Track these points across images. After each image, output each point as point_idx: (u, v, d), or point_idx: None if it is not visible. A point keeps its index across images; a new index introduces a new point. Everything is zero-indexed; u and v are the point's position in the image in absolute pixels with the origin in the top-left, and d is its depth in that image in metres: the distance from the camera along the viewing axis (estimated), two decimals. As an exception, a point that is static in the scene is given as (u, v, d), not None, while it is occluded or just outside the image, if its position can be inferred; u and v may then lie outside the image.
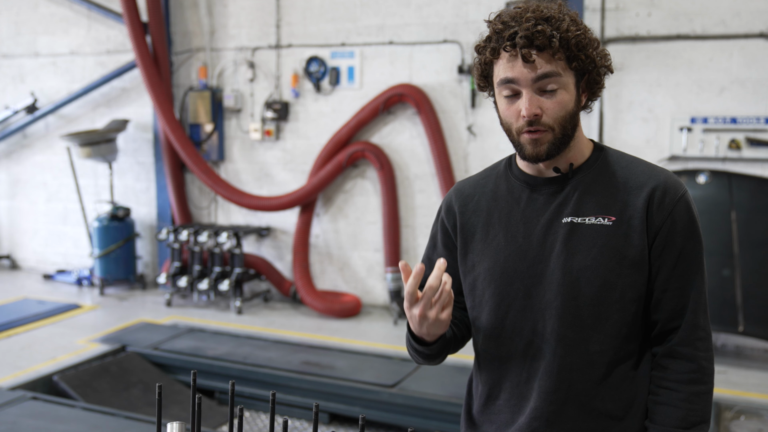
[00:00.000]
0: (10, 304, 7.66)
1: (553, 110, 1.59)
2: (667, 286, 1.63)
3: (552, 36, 1.54)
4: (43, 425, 4.59)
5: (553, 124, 1.59)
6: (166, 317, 7.21)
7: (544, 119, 1.59)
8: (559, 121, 1.60)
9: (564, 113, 1.60)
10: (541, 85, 1.57)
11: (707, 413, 1.63)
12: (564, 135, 1.62)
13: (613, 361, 1.64)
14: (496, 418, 1.74)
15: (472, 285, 1.76)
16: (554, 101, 1.58)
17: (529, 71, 1.56)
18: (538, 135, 1.60)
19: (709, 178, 6.05)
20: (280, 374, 5.60)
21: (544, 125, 1.59)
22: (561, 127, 1.60)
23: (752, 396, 5.21)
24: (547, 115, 1.59)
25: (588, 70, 1.61)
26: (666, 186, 1.62)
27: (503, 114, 1.65)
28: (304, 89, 7.70)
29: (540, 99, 1.58)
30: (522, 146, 1.63)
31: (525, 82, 1.57)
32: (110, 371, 5.74)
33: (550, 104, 1.58)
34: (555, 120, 1.59)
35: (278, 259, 8.02)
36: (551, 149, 1.62)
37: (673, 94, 6.33)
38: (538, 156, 1.62)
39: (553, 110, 1.59)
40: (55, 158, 9.01)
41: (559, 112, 1.59)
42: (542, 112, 1.58)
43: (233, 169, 8.15)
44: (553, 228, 1.66)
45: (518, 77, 1.58)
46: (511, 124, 1.64)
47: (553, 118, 1.59)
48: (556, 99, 1.58)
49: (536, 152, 1.62)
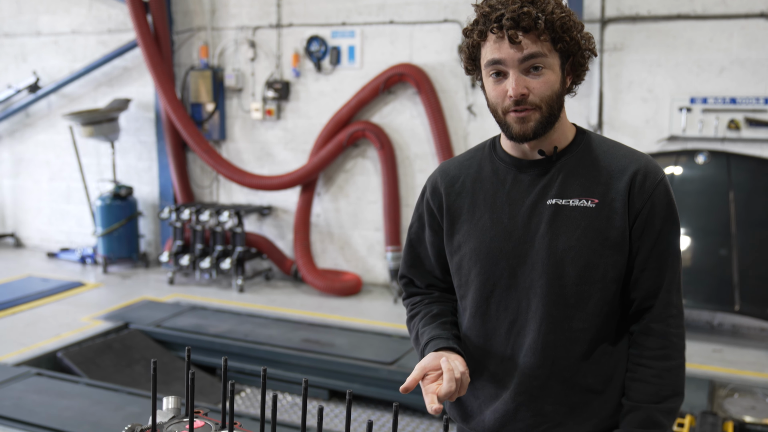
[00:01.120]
0: (15, 281, 7.75)
1: (540, 89, 1.63)
2: (645, 266, 1.68)
3: (537, 17, 1.58)
4: (47, 400, 4.68)
5: (539, 103, 1.63)
6: (168, 295, 7.29)
7: (530, 98, 1.63)
8: (545, 100, 1.64)
9: (550, 92, 1.64)
10: (528, 66, 1.61)
11: (679, 386, 1.69)
12: (550, 114, 1.66)
13: (594, 338, 1.70)
14: (480, 393, 1.80)
15: (458, 265, 1.80)
16: (540, 81, 1.62)
17: (516, 52, 1.60)
18: (524, 113, 1.64)
19: (708, 159, 6.07)
20: (280, 351, 5.68)
21: (531, 104, 1.63)
22: (548, 106, 1.64)
23: (747, 374, 5.27)
24: (533, 94, 1.63)
25: (573, 53, 1.65)
26: (647, 170, 1.67)
27: (490, 95, 1.69)
28: (305, 69, 7.71)
29: (526, 79, 1.62)
30: (509, 125, 1.67)
31: (511, 62, 1.61)
32: (113, 348, 5.83)
33: (536, 84, 1.62)
34: (542, 99, 1.63)
35: (279, 237, 8.08)
36: (538, 128, 1.66)
37: (673, 75, 6.34)
38: (525, 134, 1.66)
39: (540, 89, 1.63)
40: (58, 137, 9.05)
41: (546, 92, 1.63)
42: (529, 91, 1.62)
43: (235, 149, 8.19)
44: (538, 209, 1.70)
45: (505, 58, 1.62)
46: (497, 105, 1.67)
47: (540, 97, 1.63)
48: (542, 79, 1.62)
49: (523, 130, 1.66)
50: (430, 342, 1.76)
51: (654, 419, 1.66)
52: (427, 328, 1.82)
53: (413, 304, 1.95)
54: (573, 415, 1.71)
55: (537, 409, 1.72)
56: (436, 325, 1.82)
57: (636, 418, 1.67)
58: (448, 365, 1.63)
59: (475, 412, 1.81)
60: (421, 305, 1.92)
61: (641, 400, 1.67)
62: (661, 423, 1.66)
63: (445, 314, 1.88)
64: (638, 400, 1.68)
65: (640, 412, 1.67)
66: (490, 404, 1.77)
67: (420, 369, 1.66)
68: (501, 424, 1.75)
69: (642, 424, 1.66)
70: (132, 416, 4.41)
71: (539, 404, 1.72)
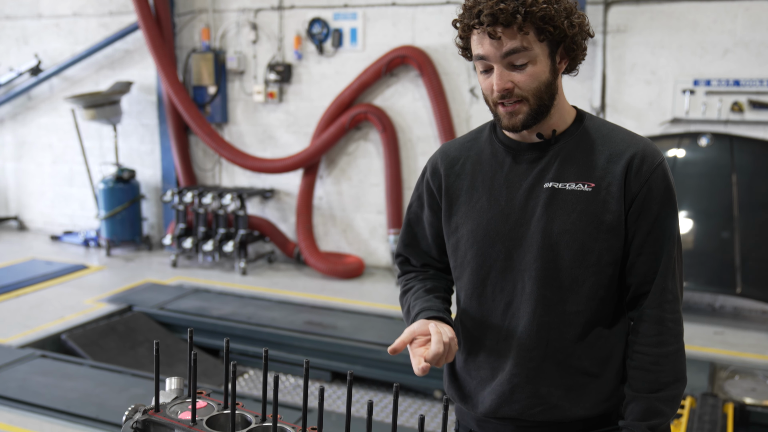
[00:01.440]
0: (19, 264, 7.78)
1: (525, 83, 1.62)
2: (642, 251, 1.68)
3: (516, 11, 1.55)
4: (52, 382, 4.71)
5: (526, 95, 1.63)
6: (171, 278, 7.32)
7: (516, 92, 1.62)
8: (532, 92, 1.63)
9: (537, 84, 1.63)
10: (511, 60, 1.60)
11: (679, 372, 1.69)
12: (540, 105, 1.65)
13: (589, 321, 1.70)
14: (477, 374, 1.81)
15: (455, 246, 1.81)
16: (525, 74, 1.61)
17: (497, 48, 1.59)
18: (512, 107, 1.64)
19: (711, 141, 6.06)
20: (283, 334, 5.71)
21: (517, 96, 1.63)
22: (535, 97, 1.64)
23: (748, 356, 5.29)
24: (519, 87, 1.62)
25: (560, 40, 1.63)
26: (644, 154, 1.66)
27: (481, 86, 1.69)
28: (307, 51, 7.68)
29: (511, 73, 1.61)
30: (499, 117, 1.68)
31: (494, 58, 1.61)
32: (117, 330, 5.86)
33: (521, 78, 1.61)
34: (528, 91, 1.63)
35: (282, 220, 8.10)
36: (527, 120, 1.66)
37: (677, 56, 6.31)
38: (514, 127, 1.67)
39: (525, 83, 1.62)
40: (60, 120, 9.05)
41: (531, 84, 1.62)
42: (514, 85, 1.62)
43: (237, 132, 8.18)
44: (535, 192, 1.70)
45: (487, 54, 1.62)
46: (488, 96, 1.68)
47: (526, 89, 1.62)
48: (527, 72, 1.61)
49: (512, 123, 1.67)
50: (421, 312, 1.78)
51: (654, 409, 1.66)
52: (419, 301, 1.84)
53: (407, 280, 1.97)
54: (568, 398, 1.72)
55: (532, 391, 1.73)
56: (428, 298, 1.84)
57: (636, 408, 1.67)
58: (436, 329, 1.65)
59: (473, 392, 1.82)
60: (414, 280, 1.94)
61: (641, 389, 1.67)
62: (662, 412, 1.66)
63: (438, 290, 1.89)
64: (638, 389, 1.68)
65: (640, 402, 1.67)
66: (486, 385, 1.79)
67: (409, 332, 1.69)
68: (497, 405, 1.76)
69: (642, 415, 1.66)
70: (136, 397, 4.45)
71: (534, 386, 1.73)
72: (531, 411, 1.73)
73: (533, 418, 1.74)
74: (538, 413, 1.73)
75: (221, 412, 1.61)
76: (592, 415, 1.73)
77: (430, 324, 1.68)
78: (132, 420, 1.60)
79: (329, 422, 4.23)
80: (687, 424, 4.16)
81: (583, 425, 1.74)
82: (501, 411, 1.76)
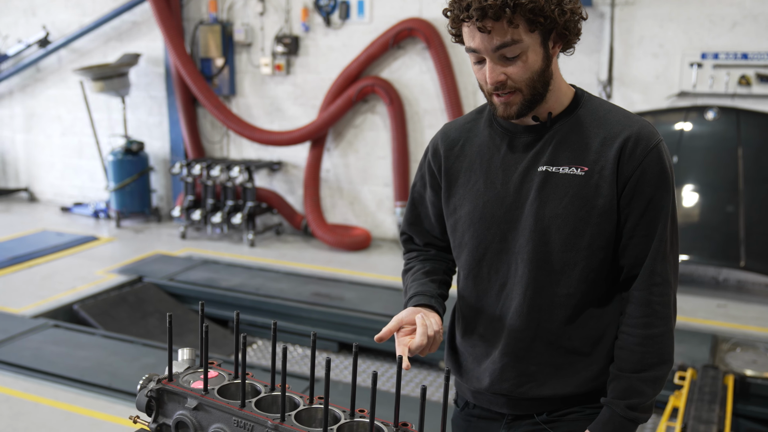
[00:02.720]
0: (30, 235, 7.87)
1: (518, 74, 1.62)
2: (634, 233, 1.69)
3: (505, 5, 1.54)
4: (65, 351, 4.81)
5: (519, 85, 1.64)
6: (180, 249, 7.40)
7: (509, 83, 1.63)
8: (525, 82, 1.63)
9: (530, 75, 1.63)
10: (502, 53, 1.60)
11: (665, 354, 1.70)
12: (534, 94, 1.66)
13: (580, 303, 1.73)
14: (473, 351, 1.86)
15: (454, 227, 1.85)
16: (517, 66, 1.61)
17: (488, 42, 1.59)
18: (506, 98, 1.66)
19: (718, 115, 6.05)
20: (291, 305, 5.79)
21: (511, 88, 1.64)
22: (529, 87, 1.64)
23: (750, 329, 5.35)
24: (512, 79, 1.63)
25: (551, 28, 1.62)
26: (639, 137, 1.66)
27: (475, 75, 1.70)
28: (314, 23, 7.67)
29: (503, 65, 1.62)
30: (494, 106, 1.70)
31: (485, 51, 1.61)
32: (128, 301, 5.95)
33: (513, 69, 1.62)
34: (521, 82, 1.63)
35: (290, 193, 8.15)
36: (521, 109, 1.67)
37: (685, 29, 6.28)
38: (509, 117, 1.69)
39: (518, 74, 1.62)
40: (69, 92, 9.08)
41: (524, 75, 1.63)
42: (506, 77, 1.63)
43: (244, 104, 8.20)
44: (530, 176, 1.72)
45: (479, 47, 1.61)
46: (482, 86, 1.70)
47: (519, 80, 1.63)
48: (519, 64, 1.61)
49: (507, 113, 1.68)
50: (413, 297, 1.82)
51: (635, 388, 1.68)
52: (415, 283, 1.88)
53: (409, 259, 2.00)
54: (557, 376, 1.76)
55: (522, 369, 1.77)
56: (425, 281, 1.87)
57: (617, 387, 1.70)
58: (422, 321, 1.69)
59: (469, 368, 1.87)
60: (416, 261, 1.97)
61: (624, 369, 1.70)
62: (643, 392, 1.68)
63: (437, 272, 1.92)
64: (621, 368, 1.71)
65: (621, 381, 1.70)
66: (481, 362, 1.84)
67: (396, 321, 1.72)
68: (490, 382, 1.81)
69: (622, 393, 1.69)
70: (147, 367, 4.54)
71: (524, 365, 1.77)
72: (521, 389, 1.78)
73: (523, 395, 1.79)
74: (527, 390, 1.78)
75: (232, 381, 1.67)
76: (581, 392, 1.77)
77: (417, 314, 1.71)
78: (146, 389, 1.66)
79: (336, 392, 4.31)
80: (687, 395, 4.22)
81: (571, 401, 1.79)
82: (493, 387, 1.81)
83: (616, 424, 1.69)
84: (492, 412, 1.88)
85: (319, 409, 1.58)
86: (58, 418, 4.01)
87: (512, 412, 1.83)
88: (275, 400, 1.61)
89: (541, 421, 1.81)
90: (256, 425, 1.53)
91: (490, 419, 1.89)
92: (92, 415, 4.04)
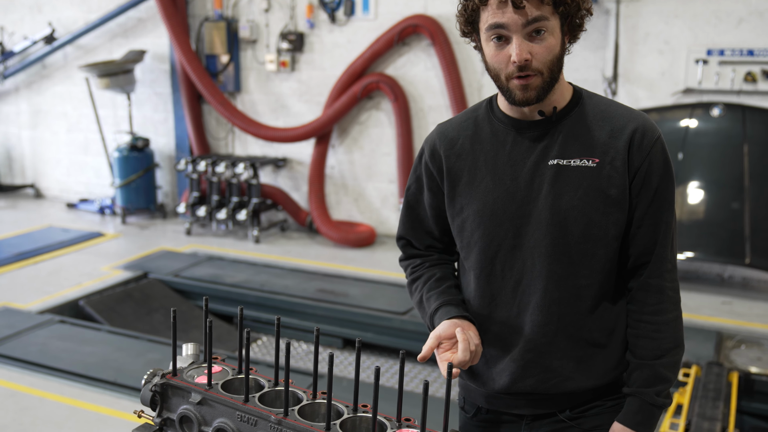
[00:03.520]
0: (36, 231, 7.90)
1: (542, 54, 1.63)
2: (642, 222, 1.72)
3: None
4: (71, 346, 4.83)
5: (542, 68, 1.64)
6: (185, 245, 7.42)
7: (534, 64, 1.63)
8: (547, 65, 1.64)
9: (552, 57, 1.64)
10: (530, 30, 1.61)
11: (678, 338, 1.75)
12: (552, 78, 1.67)
13: (597, 293, 1.75)
14: (486, 352, 1.83)
15: (461, 227, 1.83)
16: (543, 46, 1.63)
17: (520, 17, 1.60)
18: (528, 80, 1.65)
19: (723, 111, 6.04)
20: (296, 301, 5.80)
21: (534, 70, 1.64)
22: (549, 70, 1.65)
23: (755, 326, 5.34)
24: (536, 59, 1.63)
25: (572, 14, 1.65)
26: (644, 129, 1.70)
27: (491, 60, 1.68)
28: (319, 20, 7.67)
29: (530, 44, 1.62)
30: (511, 91, 1.68)
31: (515, 27, 1.61)
32: (133, 297, 5.97)
33: (539, 49, 1.63)
34: (544, 64, 1.64)
35: (294, 189, 8.16)
36: (540, 93, 1.67)
37: (690, 26, 6.26)
38: (528, 101, 1.67)
39: (542, 54, 1.63)
40: (75, 89, 9.11)
41: (548, 56, 1.64)
42: (532, 57, 1.63)
43: (249, 101, 8.21)
44: (540, 170, 1.73)
45: (509, 23, 1.61)
46: (500, 71, 1.67)
47: (542, 62, 1.64)
48: (545, 43, 1.63)
49: (526, 97, 1.67)
50: (441, 308, 1.80)
51: (659, 375, 1.72)
52: (433, 293, 1.85)
53: (414, 267, 1.97)
54: (579, 369, 1.77)
55: (545, 365, 1.77)
56: (442, 290, 1.85)
57: (642, 375, 1.73)
58: (463, 335, 1.67)
59: (482, 371, 1.85)
60: (422, 269, 1.95)
61: (645, 357, 1.74)
62: (667, 377, 1.72)
63: (449, 278, 1.91)
64: (643, 357, 1.74)
65: (645, 369, 1.73)
66: (497, 363, 1.82)
67: (435, 338, 1.70)
68: (511, 382, 1.79)
69: (648, 381, 1.72)
70: (153, 362, 4.56)
71: (547, 360, 1.77)
72: (545, 385, 1.78)
73: (547, 392, 1.78)
74: (551, 386, 1.78)
75: (236, 376, 1.68)
76: (601, 384, 1.79)
77: (456, 328, 1.70)
78: (151, 383, 1.68)
79: (340, 387, 4.32)
80: (692, 392, 4.22)
81: (592, 394, 1.80)
82: (514, 387, 1.79)
83: (646, 413, 1.73)
84: (510, 414, 1.86)
85: (322, 404, 1.59)
86: (64, 413, 4.03)
87: (533, 411, 1.82)
88: (279, 395, 1.62)
89: (565, 418, 1.81)
90: (259, 420, 1.53)
91: (509, 422, 1.86)
92: (97, 410, 4.06)
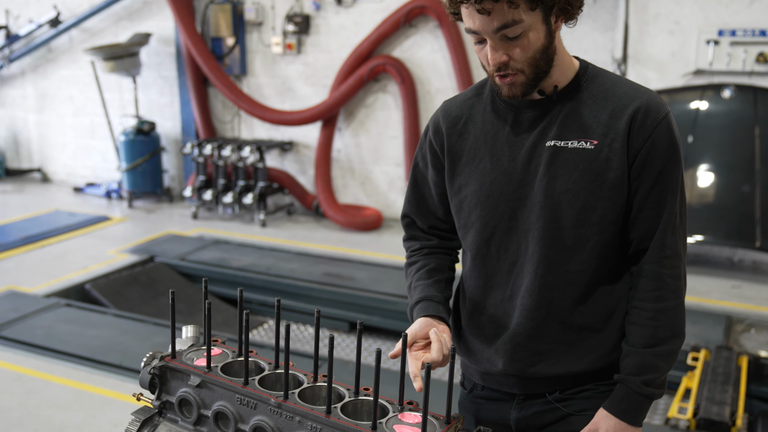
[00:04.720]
0: (43, 215, 7.91)
1: (520, 54, 1.58)
2: (643, 206, 1.66)
3: None
4: (77, 330, 4.84)
5: (522, 66, 1.60)
6: (192, 229, 7.41)
7: (512, 64, 1.59)
8: (528, 62, 1.60)
9: (532, 54, 1.59)
10: (504, 34, 1.56)
11: (677, 327, 1.68)
12: (537, 73, 1.62)
13: (591, 279, 1.70)
14: (481, 333, 1.82)
15: (459, 206, 1.80)
16: (519, 47, 1.57)
17: (488, 23, 1.55)
18: (509, 79, 1.62)
19: (734, 93, 5.96)
20: (302, 285, 5.79)
21: (513, 69, 1.60)
22: (531, 67, 1.61)
23: (765, 310, 5.29)
24: (514, 59, 1.59)
25: (553, 5, 1.57)
26: (648, 107, 1.63)
27: (477, 56, 1.66)
28: (325, 1, 7.60)
29: (505, 46, 1.58)
30: (498, 87, 1.66)
31: (486, 33, 1.57)
32: (139, 280, 5.97)
33: (515, 50, 1.58)
34: (523, 63, 1.59)
35: (301, 173, 8.13)
36: (526, 89, 1.63)
37: (701, 6, 6.17)
38: (514, 97, 1.65)
39: (520, 54, 1.58)
40: (81, 72, 9.08)
41: (526, 55, 1.59)
42: (509, 57, 1.59)
43: (255, 84, 8.17)
44: (537, 151, 1.68)
45: (479, 29, 1.57)
46: (485, 66, 1.66)
47: (521, 61, 1.59)
48: (520, 44, 1.57)
49: (512, 93, 1.64)
50: (421, 302, 1.80)
51: (650, 364, 1.66)
52: (420, 284, 1.84)
53: (413, 251, 1.95)
54: (570, 354, 1.74)
55: (534, 348, 1.75)
56: (430, 282, 1.84)
57: (631, 363, 1.68)
58: (437, 337, 1.67)
59: (478, 350, 1.84)
60: (419, 255, 1.93)
61: (637, 344, 1.68)
62: (658, 366, 1.67)
63: (441, 270, 1.89)
64: (634, 344, 1.69)
65: (635, 357, 1.68)
66: (491, 343, 1.80)
67: (410, 336, 1.70)
68: (502, 364, 1.78)
69: (637, 369, 1.67)
70: (158, 346, 4.56)
71: (537, 344, 1.74)
72: (533, 368, 1.75)
73: (535, 374, 1.76)
74: (540, 369, 1.75)
75: (235, 359, 1.66)
76: (594, 369, 1.75)
77: (431, 329, 1.70)
78: (150, 366, 1.65)
79: (346, 371, 4.31)
80: (701, 375, 4.19)
81: (584, 378, 1.77)
82: (505, 368, 1.78)
83: (631, 401, 1.67)
84: (502, 392, 1.85)
85: (323, 387, 1.57)
86: (69, 396, 4.03)
87: (523, 391, 1.81)
88: (279, 378, 1.59)
89: (553, 399, 1.78)
90: (259, 403, 1.51)
91: (501, 400, 1.86)
92: (103, 393, 4.06)
